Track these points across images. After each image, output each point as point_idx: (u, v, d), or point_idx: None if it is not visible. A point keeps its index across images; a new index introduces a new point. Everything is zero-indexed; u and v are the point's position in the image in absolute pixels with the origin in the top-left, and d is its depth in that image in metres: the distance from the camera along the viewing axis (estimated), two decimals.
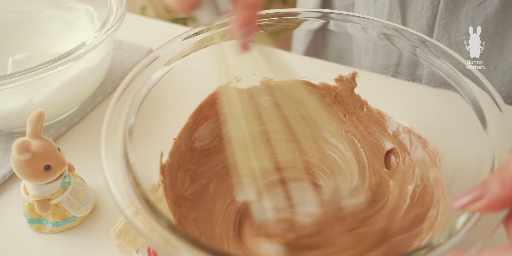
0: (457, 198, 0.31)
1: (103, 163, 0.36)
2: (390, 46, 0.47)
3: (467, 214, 0.33)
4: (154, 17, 1.47)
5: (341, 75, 0.51)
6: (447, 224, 0.37)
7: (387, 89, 0.50)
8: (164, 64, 0.44)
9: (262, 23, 0.46)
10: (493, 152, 0.37)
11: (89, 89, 0.59)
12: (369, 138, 0.49)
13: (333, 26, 0.48)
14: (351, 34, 0.48)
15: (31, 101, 0.53)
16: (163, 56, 0.45)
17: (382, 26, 0.47)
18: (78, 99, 0.58)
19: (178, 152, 0.44)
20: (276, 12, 0.48)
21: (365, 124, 0.50)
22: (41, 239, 0.47)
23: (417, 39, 0.45)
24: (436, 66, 0.44)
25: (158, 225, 0.32)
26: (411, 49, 0.46)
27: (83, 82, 0.57)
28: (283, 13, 0.48)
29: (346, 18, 0.48)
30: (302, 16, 0.48)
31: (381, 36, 0.47)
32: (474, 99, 0.40)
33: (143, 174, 0.37)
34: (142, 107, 0.41)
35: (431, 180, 0.43)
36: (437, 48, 0.44)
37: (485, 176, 0.36)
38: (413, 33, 0.46)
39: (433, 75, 0.45)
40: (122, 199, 0.34)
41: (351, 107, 0.51)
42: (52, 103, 0.55)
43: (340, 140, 0.50)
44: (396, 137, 0.49)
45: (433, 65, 0.44)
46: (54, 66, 0.50)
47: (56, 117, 0.58)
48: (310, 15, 0.48)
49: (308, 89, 0.50)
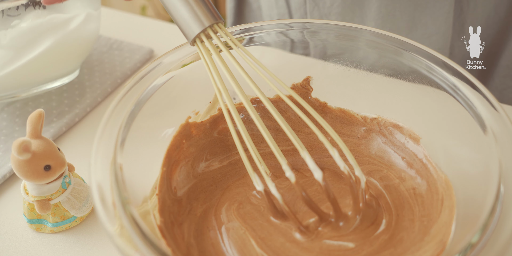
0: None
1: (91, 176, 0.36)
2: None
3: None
4: (154, 17, 1.47)
5: (294, 83, 0.51)
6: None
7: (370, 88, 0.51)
8: (167, 71, 0.45)
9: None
10: (498, 156, 0.37)
11: (69, 49, 0.58)
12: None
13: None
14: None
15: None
16: (167, 63, 0.45)
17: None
18: (57, 56, 0.57)
19: (166, 208, 0.43)
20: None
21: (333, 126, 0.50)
22: (41, 239, 0.47)
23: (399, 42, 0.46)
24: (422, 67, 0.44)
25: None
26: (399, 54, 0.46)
27: (56, 35, 0.56)
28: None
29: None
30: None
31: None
32: (467, 100, 0.41)
33: (134, 191, 0.38)
34: (139, 116, 0.42)
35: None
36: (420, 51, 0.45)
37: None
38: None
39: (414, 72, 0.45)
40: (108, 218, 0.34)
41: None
42: (23, 51, 0.54)
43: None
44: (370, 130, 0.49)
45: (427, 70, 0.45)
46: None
47: (46, 80, 0.57)
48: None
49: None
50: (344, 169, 0.39)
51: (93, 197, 0.35)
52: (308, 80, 0.51)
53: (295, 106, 0.40)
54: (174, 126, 0.47)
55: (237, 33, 0.48)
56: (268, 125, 0.50)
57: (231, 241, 0.42)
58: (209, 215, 0.45)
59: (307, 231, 0.41)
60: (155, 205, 0.42)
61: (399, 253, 0.40)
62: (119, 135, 0.39)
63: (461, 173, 0.42)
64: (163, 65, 0.45)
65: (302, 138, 0.50)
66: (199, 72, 0.45)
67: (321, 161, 0.49)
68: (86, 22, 0.58)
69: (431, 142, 0.46)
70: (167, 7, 0.42)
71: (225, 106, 0.42)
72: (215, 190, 0.47)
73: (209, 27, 0.42)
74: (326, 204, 0.43)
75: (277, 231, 0.42)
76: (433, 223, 0.41)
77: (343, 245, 0.40)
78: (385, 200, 0.45)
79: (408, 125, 0.47)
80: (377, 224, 0.42)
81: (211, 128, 0.50)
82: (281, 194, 0.40)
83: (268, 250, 0.41)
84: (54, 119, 0.59)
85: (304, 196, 0.40)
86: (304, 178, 0.47)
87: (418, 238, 0.41)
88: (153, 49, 0.70)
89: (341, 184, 0.46)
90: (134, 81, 0.43)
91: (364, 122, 0.50)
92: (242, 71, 0.41)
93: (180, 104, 0.49)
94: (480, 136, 0.39)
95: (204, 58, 0.42)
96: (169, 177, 0.45)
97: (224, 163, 0.49)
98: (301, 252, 0.40)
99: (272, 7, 0.76)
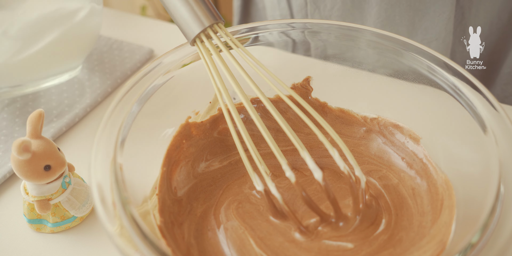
0: None
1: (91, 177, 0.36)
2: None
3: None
4: (154, 17, 1.47)
5: (294, 83, 0.51)
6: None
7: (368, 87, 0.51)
8: (167, 71, 0.45)
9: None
10: (498, 156, 0.37)
11: (73, 42, 0.58)
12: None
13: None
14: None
15: (5, 33, 0.52)
16: (167, 63, 0.45)
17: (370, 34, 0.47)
18: (62, 49, 0.58)
19: (166, 208, 0.43)
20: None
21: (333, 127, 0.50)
22: (41, 239, 0.47)
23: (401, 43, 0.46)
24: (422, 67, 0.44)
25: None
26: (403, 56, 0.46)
27: (63, 26, 0.56)
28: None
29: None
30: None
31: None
32: (468, 100, 0.41)
33: (133, 192, 0.38)
34: (139, 116, 0.42)
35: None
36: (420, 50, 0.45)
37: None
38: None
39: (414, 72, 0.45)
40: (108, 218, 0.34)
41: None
42: (30, 42, 0.54)
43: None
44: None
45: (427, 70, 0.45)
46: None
47: (50, 74, 0.58)
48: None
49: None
50: (344, 169, 0.39)
51: (93, 197, 0.35)
52: (308, 80, 0.51)
53: (295, 106, 0.40)
54: (174, 126, 0.47)
55: (243, 32, 0.48)
56: (268, 125, 0.50)
57: (230, 240, 0.42)
58: (208, 214, 0.45)
59: (306, 231, 0.41)
60: (155, 205, 0.42)
61: (398, 253, 0.40)
62: (119, 135, 0.39)
63: (461, 173, 0.42)
64: (163, 65, 0.45)
65: (302, 139, 0.50)
66: (199, 72, 0.45)
67: (320, 160, 0.49)
68: (90, 15, 0.59)
69: (431, 142, 0.46)
70: (167, 7, 0.42)
71: (225, 106, 0.42)
72: (215, 190, 0.47)
73: (209, 27, 0.42)
74: (326, 203, 0.44)
75: (276, 231, 0.42)
76: (433, 223, 0.41)
77: (342, 245, 0.40)
78: (384, 199, 0.45)
79: (408, 125, 0.47)
80: (376, 224, 0.42)
81: (211, 128, 0.50)
82: (281, 193, 0.40)
83: (267, 250, 0.41)
84: (54, 119, 0.59)
85: (304, 196, 0.40)
86: (304, 177, 0.47)
87: (418, 238, 0.41)
88: (153, 49, 0.70)
89: (340, 183, 0.46)
90: (134, 81, 0.43)
91: (364, 122, 0.50)
92: (242, 71, 0.41)
93: (180, 104, 0.49)
94: (480, 136, 0.39)
95: (204, 58, 0.42)
96: (169, 177, 0.45)
97: (224, 163, 0.49)
98: (300, 252, 0.40)
99: (275, 8, 0.77)
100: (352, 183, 0.40)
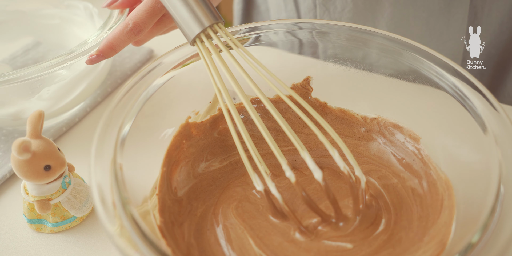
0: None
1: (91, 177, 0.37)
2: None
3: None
4: None
5: (294, 83, 0.51)
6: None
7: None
8: (167, 71, 0.45)
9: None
10: (498, 156, 0.37)
11: (93, 86, 0.59)
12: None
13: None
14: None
15: (40, 96, 0.54)
16: (167, 63, 0.45)
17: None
18: (83, 95, 0.59)
19: (166, 208, 0.43)
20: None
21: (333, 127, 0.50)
22: (41, 239, 0.47)
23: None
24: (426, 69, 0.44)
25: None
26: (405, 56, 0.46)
27: (89, 78, 0.57)
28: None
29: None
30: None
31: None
32: (467, 100, 0.41)
33: (133, 191, 0.38)
34: (139, 116, 0.42)
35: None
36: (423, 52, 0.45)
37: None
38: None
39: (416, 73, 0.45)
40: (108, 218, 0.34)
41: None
42: (60, 100, 0.55)
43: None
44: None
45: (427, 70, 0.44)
46: (64, 60, 0.50)
47: (62, 113, 0.59)
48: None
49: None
50: (344, 169, 0.39)
51: (93, 197, 0.35)
52: (308, 80, 0.51)
53: (295, 106, 0.40)
54: (174, 126, 0.47)
55: (244, 32, 0.48)
56: (268, 125, 0.50)
57: (230, 240, 0.42)
58: (208, 214, 0.45)
59: (306, 231, 0.41)
60: (155, 205, 0.42)
61: (398, 254, 0.40)
62: (119, 135, 0.39)
63: (461, 173, 0.42)
64: (163, 65, 0.45)
65: (302, 139, 0.50)
66: (199, 72, 0.45)
67: (320, 160, 0.49)
68: (108, 59, 0.60)
69: (431, 142, 0.46)
70: (167, 7, 0.42)
71: (225, 106, 0.42)
72: (215, 190, 0.47)
73: (209, 27, 0.42)
74: (325, 202, 0.44)
75: (275, 231, 0.42)
76: (432, 223, 0.41)
77: (342, 245, 0.40)
78: (384, 199, 0.45)
79: (408, 125, 0.47)
80: (376, 224, 0.42)
81: (211, 128, 0.50)
82: (280, 193, 0.40)
83: (266, 250, 0.41)
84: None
85: (304, 196, 0.40)
86: (303, 176, 0.47)
87: (417, 238, 0.41)
88: (153, 49, 0.70)
89: (340, 183, 0.46)
90: (134, 81, 0.43)
91: (364, 122, 0.50)
92: (242, 71, 0.41)
93: (180, 104, 0.49)
94: (480, 136, 0.39)
95: (204, 58, 0.42)
96: (169, 177, 0.45)
97: (224, 163, 0.49)
98: (299, 251, 0.40)
99: (281, 10, 0.76)
100: (352, 183, 0.40)
